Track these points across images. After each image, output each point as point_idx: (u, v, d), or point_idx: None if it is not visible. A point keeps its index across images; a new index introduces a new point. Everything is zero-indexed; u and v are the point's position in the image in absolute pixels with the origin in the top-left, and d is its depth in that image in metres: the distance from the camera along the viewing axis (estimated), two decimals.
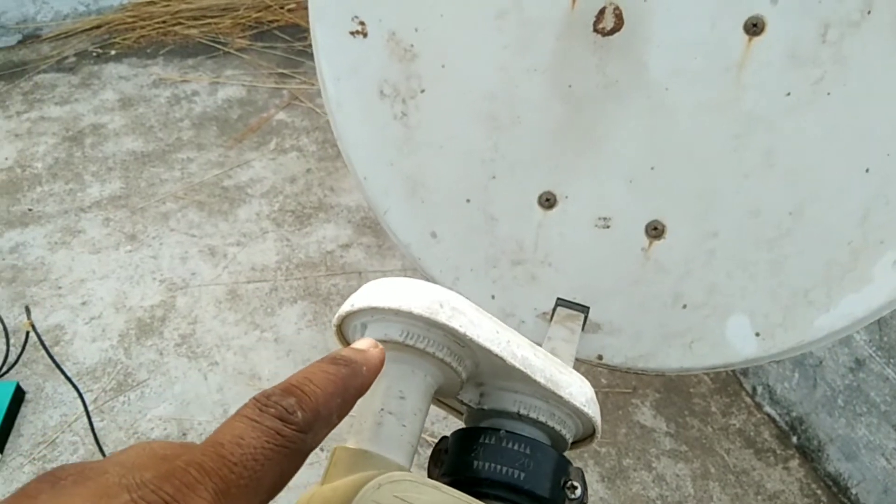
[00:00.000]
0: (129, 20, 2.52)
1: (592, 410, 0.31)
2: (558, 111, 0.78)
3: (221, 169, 2.03)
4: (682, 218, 0.76)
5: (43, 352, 1.52)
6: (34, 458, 1.39)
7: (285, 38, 2.52)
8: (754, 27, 0.70)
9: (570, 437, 0.32)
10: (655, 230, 0.77)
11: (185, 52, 2.50)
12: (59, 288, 1.71)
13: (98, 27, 2.53)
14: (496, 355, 0.29)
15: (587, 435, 0.33)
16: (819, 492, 1.33)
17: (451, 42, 0.77)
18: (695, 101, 0.74)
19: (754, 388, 1.48)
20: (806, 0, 0.68)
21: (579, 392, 0.31)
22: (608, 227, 0.79)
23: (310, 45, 2.52)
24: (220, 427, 0.23)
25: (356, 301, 0.29)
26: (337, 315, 0.30)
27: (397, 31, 0.77)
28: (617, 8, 0.73)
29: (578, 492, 0.30)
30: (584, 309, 0.79)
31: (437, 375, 0.29)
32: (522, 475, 0.29)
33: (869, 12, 0.68)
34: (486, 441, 0.30)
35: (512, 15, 0.75)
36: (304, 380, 0.25)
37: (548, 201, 0.79)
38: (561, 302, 0.79)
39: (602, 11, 0.74)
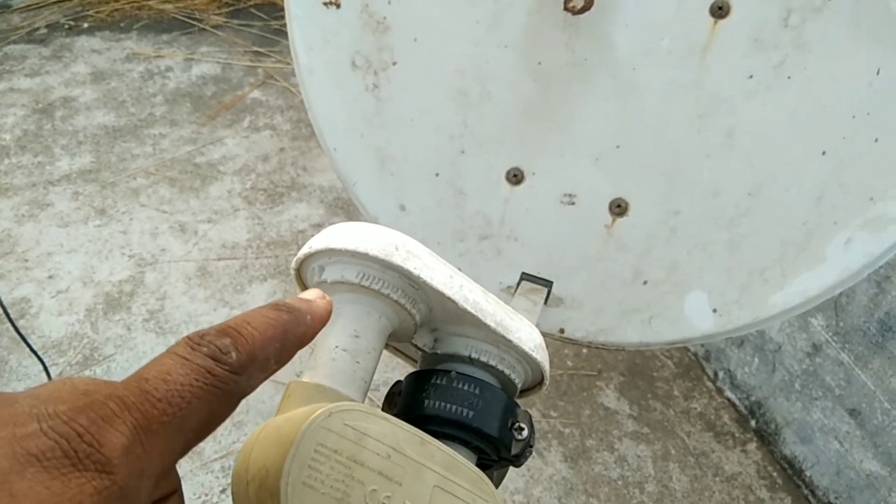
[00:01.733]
0: None
1: (540, 356, 0.32)
2: (528, 88, 0.79)
3: (194, 146, 2.01)
4: (645, 196, 0.78)
5: (7, 325, 1.50)
6: None
7: (261, 17, 2.50)
8: (720, 10, 0.72)
9: (519, 383, 0.33)
10: (619, 207, 0.79)
11: (159, 27, 2.47)
12: (26, 261, 1.69)
13: None
14: (448, 298, 0.30)
15: (536, 382, 0.35)
16: (775, 474, 1.37)
17: (423, 16, 0.78)
18: (661, 81, 0.76)
19: (716, 373, 1.51)
20: None
21: (528, 338, 0.32)
22: (573, 203, 0.80)
23: (286, 24, 2.50)
24: (148, 363, 0.22)
25: (314, 243, 0.30)
26: (296, 258, 0.31)
27: (370, 2, 0.77)
28: None
29: (525, 433, 0.31)
30: (548, 283, 0.80)
31: (392, 317, 0.30)
32: (471, 413, 0.30)
33: None
34: (438, 382, 0.31)
35: None
36: (243, 322, 0.24)
37: (515, 177, 0.81)
38: (525, 276, 0.81)
39: None
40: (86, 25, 2.45)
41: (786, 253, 0.74)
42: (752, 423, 1.43)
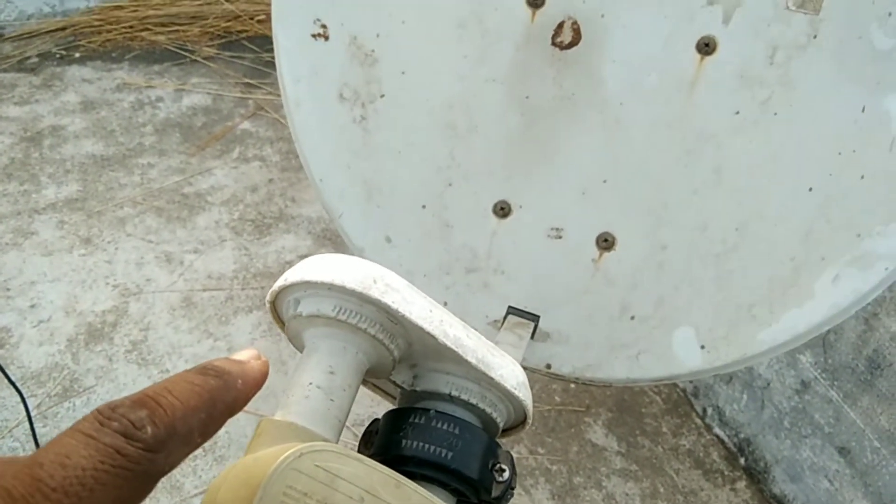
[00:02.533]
0: (96, 23, 2.49)
1: (523, 394, 0.31)
2: (515, 121, 0.79)
3: (182, 175, 2.01)
4: (632, 231, 0.78)
5: None
6: None
7: (253, 49, 2.51)
8: (706, 47, 0.72)
9: (501, 422, 0.32)
10: (606, 242, 0.78)
11: (151, 57, 2.47)
12: (8, 290, 1.67)
13: (63, 29, 2.50)
14: (428, 333, 0.29)
15: (519, 421, 0.34)
16: None
17: (411, 49, 0.78)
18: (648, 116, 0.76)
19: (704, 410, 1.50)
20: (756, 22, 0.71)
21: (510, 375, 0.31)
22: (560, 237, 0.80)
23: (275, 56, 2.52)
24: (48, 443, 0.19)
25: (289, 276, 0.29)
26: (270, 291, 0.30)
27: (359, 35, 0.77)
28: (575, 23, 0.75)
29: (507, 475, 0.30)
30: (535, 318, 0.79)
31: (370, 353, 0.29)
32: (450, 454, 0.29)
33: (815, 36, 0.70)
34: (416, 420, 0.30)
35: (472, 25, 0.76)
36: (163, 390, 0.21)
37: (502, 210, 0.80)
38: (512, 310, 0.80)
39: (560, 25, 0.76)
40: (77, 55, 2.46)
41: (773, 289, 0.73)
42: (742, 460, 1.42)
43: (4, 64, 2.41)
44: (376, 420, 0.32)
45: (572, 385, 1.57)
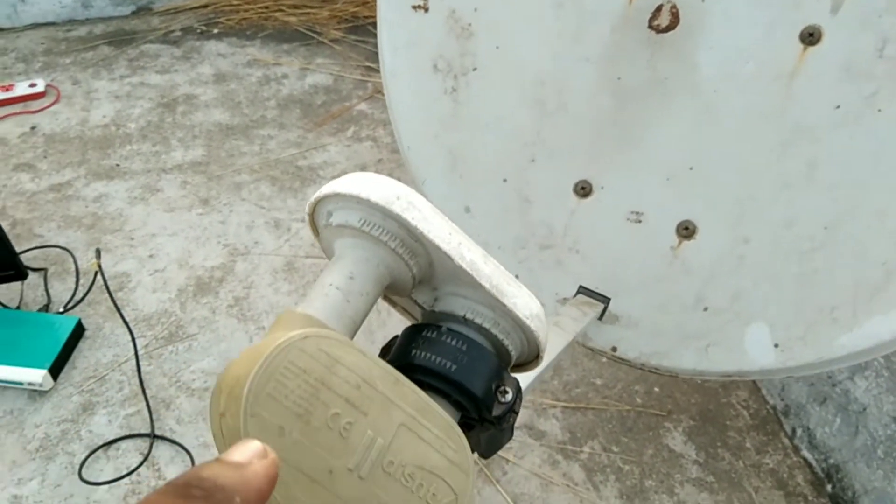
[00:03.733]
0: (235, 2, 2.64)
1: (535, 325, 0.32)
2: (605, 102, 0.79)
3: (298, 149, 2.11)
4: (714, 221, 0.76)
5: (107, 295, 1.61)
6: (83, 391, 1.47)
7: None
8: (810, 37, 0.70)
9: (514, 351, 0.33)
10: (686, 230, 0.77)
11: (281, 37, 2.60)
12: (132, 239, 1.81)
13: (205, 6, 2.67)
14: (445, 253, 0.31)
15: (533, 356, 0.35)
16: None
17: (507, 25, 0.80)
18: (742, 105, 0.74)
19: (794, 430, 1.43)
20: (866, 13, 0.68)
21: (524, 305, 0.32)
22: (640, 221, 0.79)
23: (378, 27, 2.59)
24: None
25: (325, 189, 0.32)
26: (308, 203, 0.32)
27: (457, 8, 0.79)
28: (674, 6, 0.74)
29: (509, 397, 0.32)
30: (605, 300, 0.79)
31: (390, 266, 0.31)
32: (454, 367, 0.31)
33: None
34: (428, 335, 0.32)
35: (569, 4, 0.77)
36: None
37: (583, 190, 0.80)
38: (583, 290, 0.80)
39: (659, 8, 0.75)
40: (216, 31, 2.62)
41: (860, 293, 0.70)
42: (829, 487, 1.34)
43: (151, 36, 2.60)
44: (396, 336, 0.34)
45: (656, 389, 1.53)
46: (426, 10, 0.81)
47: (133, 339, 1.50)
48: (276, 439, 0.26)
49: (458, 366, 0.30)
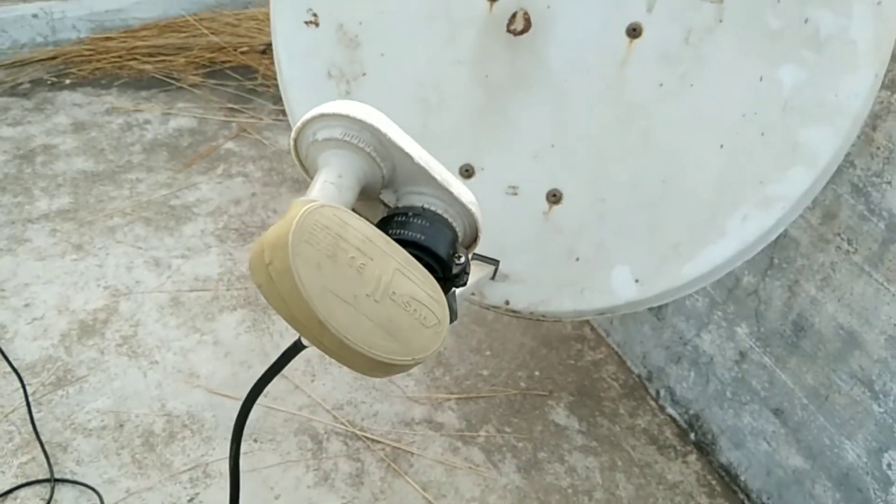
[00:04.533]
0: (86, 53, 2.62)
1: (475, 210, 0.44)
2: (477, 96, 0.93)
3: (169, 189, 2.12)
4: (576, 187, 0.92)
5: None
6: None
7: (237, 78, 2.66)
8: (634, 31, 0.88)
9: (459, 230, 0.45)
10: (555, 196, 0.92)
11: (139, 84, 2.61)
12: (3, 290, 1.76)
13: (54, 58, 2.63)
14: (407, 154, 0.42)
15: (472, 239, 0.46)
16: (714, 482, 1.47)
17: (389, 35, 0.93)
18: (587, 90, 0.91)
19: (658, 392, 1.63)
20: (674, 10, 0.86)
21: (466, 193, 0.44)
22: (516, 194, 0.94)
23: (260, 85, 2.68)
24: None
25: (309, 113, 0.42)
26: (294, 128, 0.42)
27: (345, 23, 0.92)
28: (526, 13, 0.90)
29: (462, 260, 0.43)
30: (495, 262, 0.93)
31: (366, 169, 0.42)
32: (423, 237, 0.42)
33: (721, 21, 0.86)
34: (399, 219, 0.42)
35: (441, 14, 0.91)
36: None
37: (467, 171, 0.94)
38: (476, 256, 0.93)
39: (514, 15, 0.91)
40: (68, 82, 2.58)
41: (694, 230, 0.88)
42: (692, 435, 1.54)
43: None
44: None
45: (536, 373, 1.69)
46: (317, 24, 0.92)
47: (23, 385, 1.47)
48: (316, 271, 0.36)
49: (426, 236, 0.41)
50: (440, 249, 0.40)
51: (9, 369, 1.55)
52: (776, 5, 0.81)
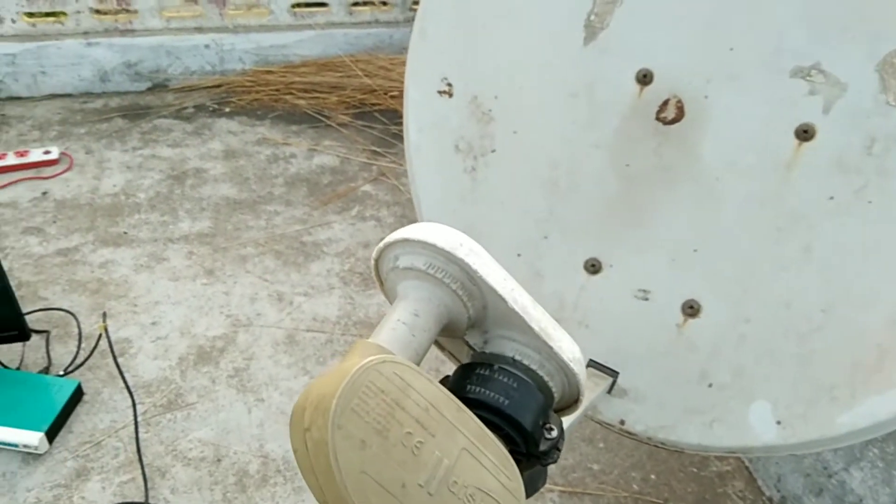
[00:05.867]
0: (248, 84, 2.76)
1: (578, 369, 0.36)
2: (614, 186, 0.84)
3: (303, 225, 2.16)
4: (717, 300, 0.80)
5: (107, 360, 1.62)
6: (78, 456, 1.46)
7: (383, 121, 2.70)
8: (805, 133, 0.76)
9: (556, 392, 0.36)
10: (691, 308, 0.81)
11: (290, 118, 2.70)
12: (136, 306, 1.83)
13: (219, 86, 2.78)
14: (500, 296, 0.34)
15: (573, 400, 0.38)
16: None
17: (525, 112, 0.86)
18: (743, 192, 0.80)
19: None
20: (855, 114, 0.74)
21: (568, 349, 0.36)
22: (647, 299, 0.83)
23: (403, 107, 2.69)
24: None
25: (393, 236, 0.36)
26: (377, 248, 0.36)
27: (479, 95, 0.86)
28: (680, 101, 0.81)
29: (555, 434, 0.35)
30: (614, 373, 0.82)
31: (449, 306, 0.35)
32: (507, 402, 0.34)
33: None
34: (481, 372, 0.35)
35: (583, 95, 0.83)
36: None
37: (593, 267, 0.85)
38: (592, 363, 0.83)
39: (666, 102, 0.81)
40: (227, 109, 2.72)
41: (857, 373, 0.74)
42: None
43: (165, 111, 2.70)
44: (448, 376, 0.38)
45: (653, 476, 1.54)
46: (450, 95, 0.87)
47: (134, 405, 1.51)
48: (358, 451, 0.29)
49: (510, 401, 0.34)
50: (527, 420, 0.32)
51: (129, 383, 1.59)
52: None
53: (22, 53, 2.61)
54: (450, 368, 0.41)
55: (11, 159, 2.28)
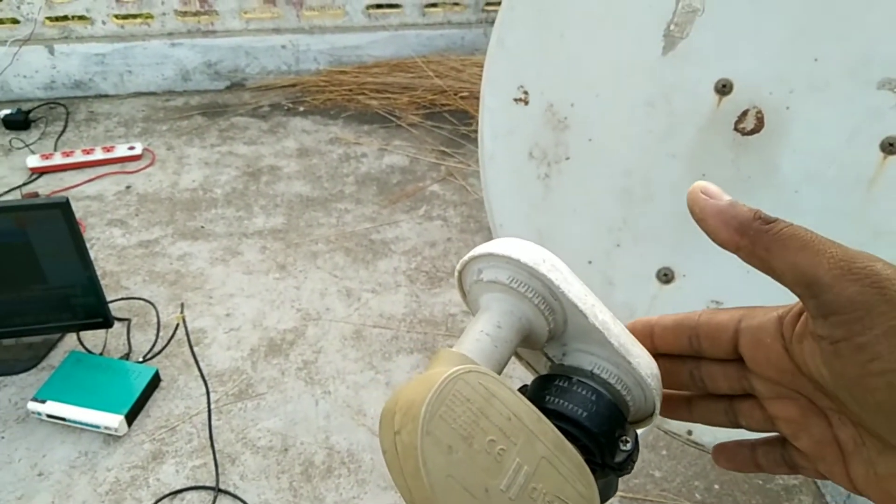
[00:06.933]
0: (322, 83, 2.82)
1: (654, 384, 0.37)
2: None
3: (372, 223, 2.20)
4: None
5: (183, 348, 1.69)
6: (154, 439, 1.53)
7: (453, 122, 2.72)
8: (891, 146, 0.75)
9: (632, 406, 0.37)
10: None
11: (362, 118, 2.75)
12: (211, 298, 1.90)
13: (294, 85, 2.85)
14: (581, 311, 0.35)
15: (648, 413, 0.39)
16: None
17: (601, 120, 0.86)
18: (823, 206, 0.78)
19: None
20: None
21: (646, 365, 0.37)
22: None
23: (473, 131, 2.71)
24: None
25: (478, 250, 0.37)
26: (461, 261, 0.38)
27: (555, 103, 0.87)
28: (759, 112, 0.80)
29: (630, 446, 0.36)
30: None
31: (531, 320, 0.36)
32: (585, 414, 0.35)
33: None
34: (560, 384, 0.36)
35: (661, 104, 0.83)
36: None
37: (665, 276, 0.84)
38: None
39: (745, 113, 0.81)
40: (301, 109, 2.79)
41: None
42: None
43: (241, 110, 2.78)
44: (526, 385, 0.39)
45: (716, 486, 1.51)
46: (526, 103, 0.88)
47: (208, 393, 1.57)
48: (445, 456, 0.30)
49: (588, 413, 0.35)
50: (603, 431, 0.33)
51: (203, 372, 1.66)
52: None
53: (111, 53, 2.74)
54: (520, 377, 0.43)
55: (99, 154, 2.39)
